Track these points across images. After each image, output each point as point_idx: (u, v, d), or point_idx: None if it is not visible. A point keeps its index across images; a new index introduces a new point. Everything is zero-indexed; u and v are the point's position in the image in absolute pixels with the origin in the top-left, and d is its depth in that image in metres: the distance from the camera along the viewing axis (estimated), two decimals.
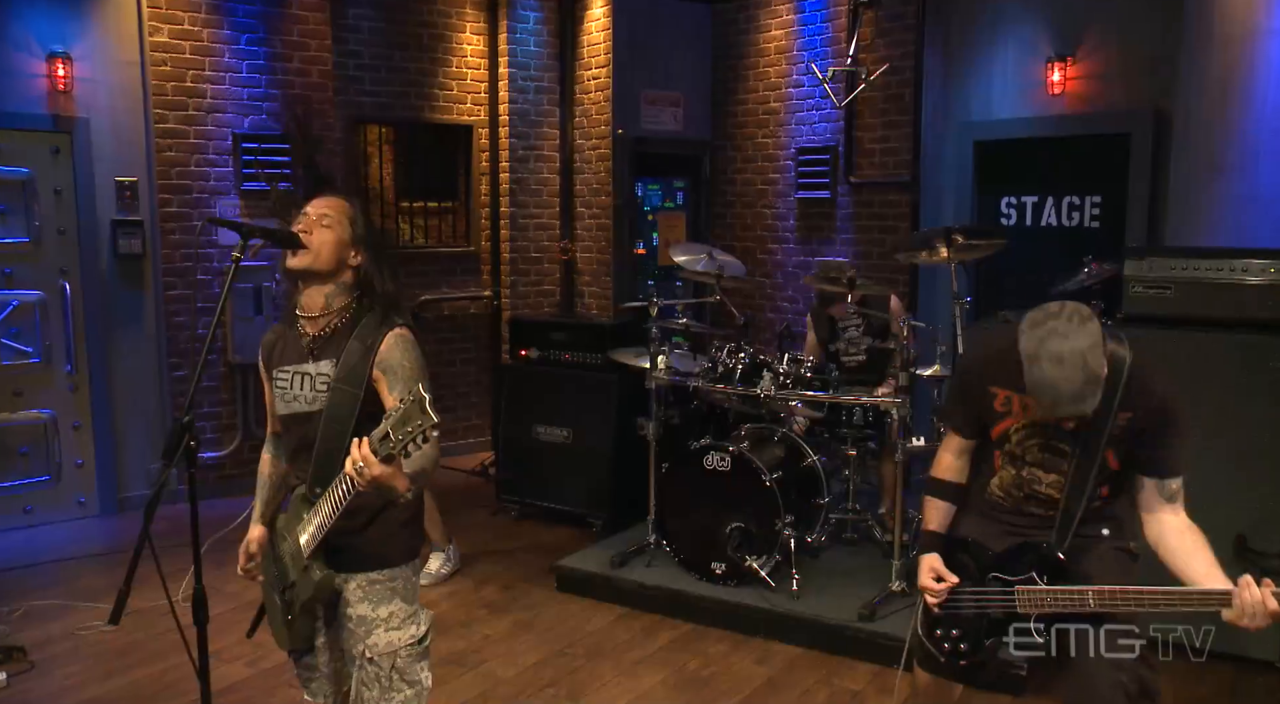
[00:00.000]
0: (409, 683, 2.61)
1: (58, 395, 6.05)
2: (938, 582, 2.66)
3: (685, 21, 7.71)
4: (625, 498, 5.58)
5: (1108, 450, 2.51)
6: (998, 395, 2.62)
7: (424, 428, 2.07)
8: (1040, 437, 2.59)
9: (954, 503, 2.79)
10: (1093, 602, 2.40)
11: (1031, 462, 2.62)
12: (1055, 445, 2.58)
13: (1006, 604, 2.57)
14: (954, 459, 2.80)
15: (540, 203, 7.90)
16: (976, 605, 2.63)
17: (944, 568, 2.67)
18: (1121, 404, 2.46)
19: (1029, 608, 2.52)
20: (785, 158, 7.43)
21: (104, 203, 6.06)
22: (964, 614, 2.66)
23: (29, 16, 5.75)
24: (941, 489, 2.79)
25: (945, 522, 2.78)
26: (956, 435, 2.79)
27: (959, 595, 2.66)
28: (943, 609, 2.67)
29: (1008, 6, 6.10)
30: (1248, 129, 5.05)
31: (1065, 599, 2.46)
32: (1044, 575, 2.53)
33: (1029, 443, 2.61)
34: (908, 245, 4.73)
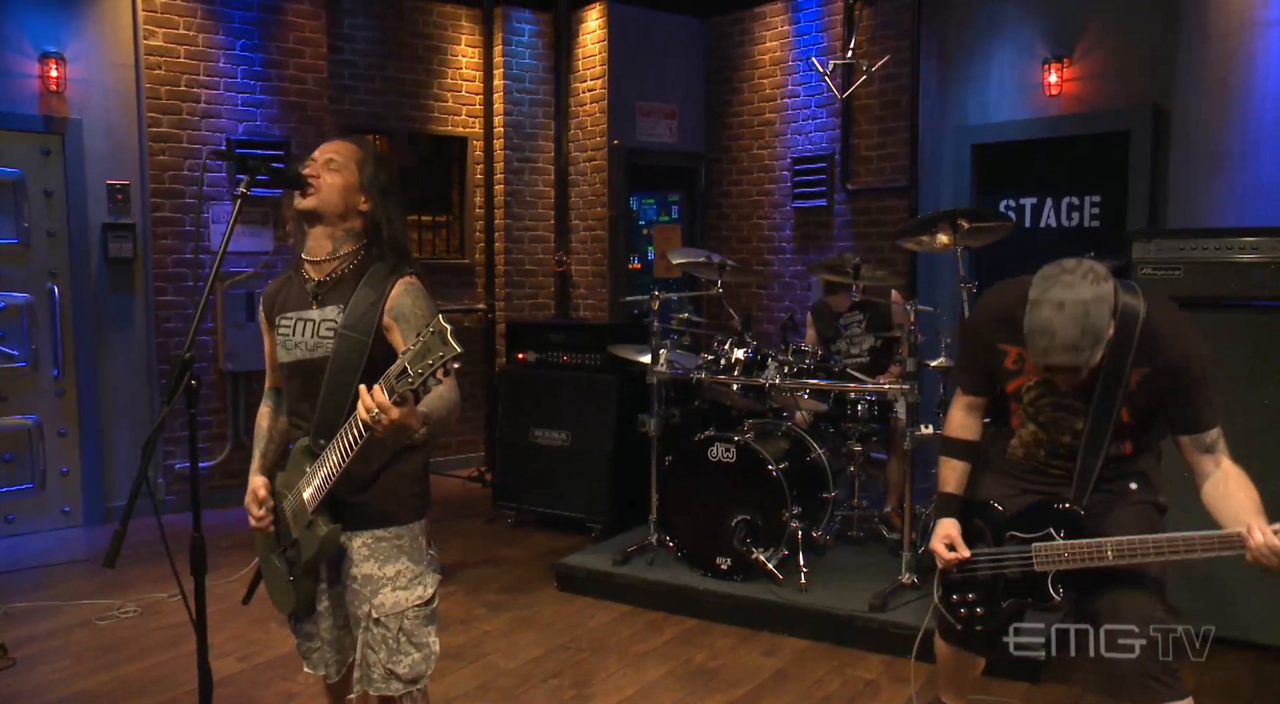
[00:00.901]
0: (416, 645, 2.50)
1: (43, 401, 5.92)
2: (950, 550, 2.59)
3: (679, 34, 7.74)
4: (625, 501, 5.47)
5: (1123, 408, 2.43)
6: (1008, 353, 2.55)
7: (445, 359, 1.99)
8: (1053, 395, 2.51)
9: (968, 461, 2.71)
10: (1110, 553, 2.33)
11: (1045, 422, 2.55)
12: (1068, 404, 2.50)
13: (1023, 563, 2.48)
14: (964, 416, 2.73)
15: (535, 215, 7.87)
16: (993, 567, 2.55)
17: (959, 536, 2.60)
18: (1136, 360, 2.38)
19: (1046, 565, 2.44)
20: (781, 168, 7.42)
21: (95, 205, 5.98)
22: (980, 577, 2.57)
23: (23, 16, 5.71)
24: (954, 447, 2.72)
25: (962, 482, 2.70)
26: (967, 395, 2.72)
27: (976, 557, 2.58)
28: (959, 572, 2.60)
29: (1003, 9, 6.14)
30: (1247, 120, 5.05)
31: (1082, 553, 2.38)
32: (1061, 531, 2.45)
33: (1042, 402, 2.54)
34: (909, 230, 4.67)
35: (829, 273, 4.83)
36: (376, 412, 2.08)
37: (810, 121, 7.19)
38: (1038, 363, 2.35)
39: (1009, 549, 2.52)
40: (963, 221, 4.40)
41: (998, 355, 2.57)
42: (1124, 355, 2.38)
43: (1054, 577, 2.44)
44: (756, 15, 7.46)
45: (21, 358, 5.82)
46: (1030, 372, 2.52)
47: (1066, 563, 2.41)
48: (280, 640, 4.22)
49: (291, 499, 2.52)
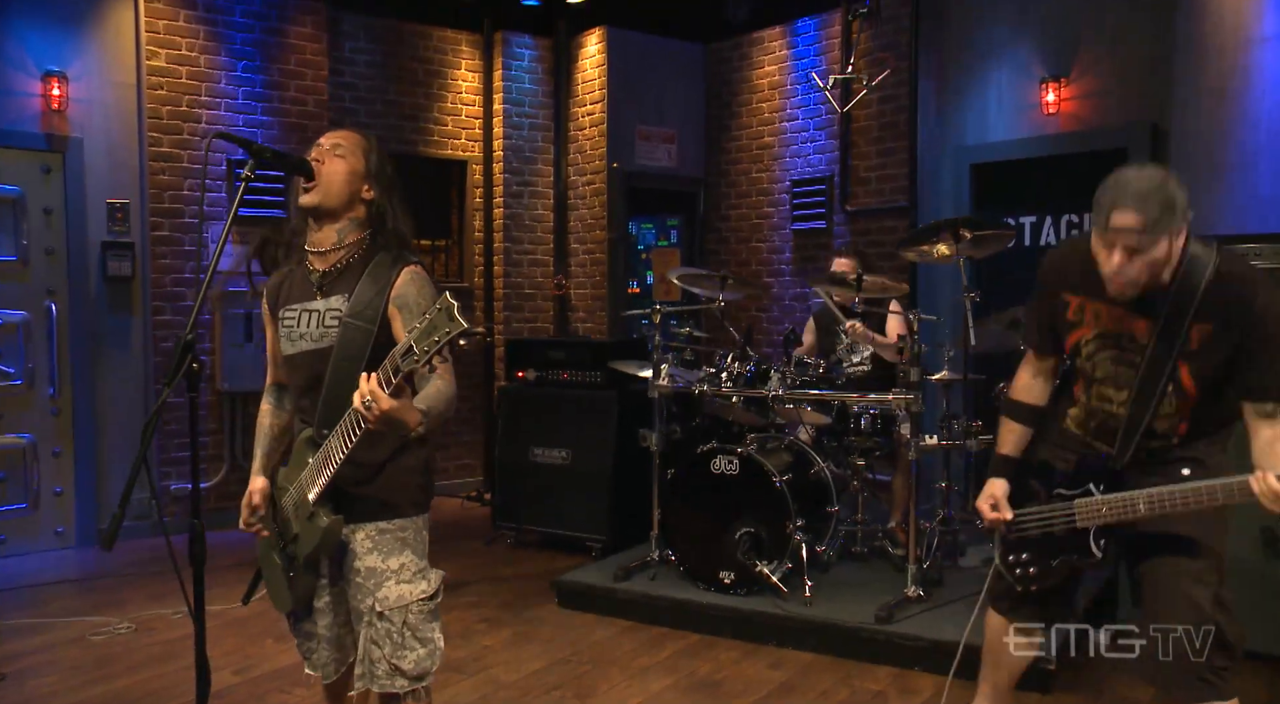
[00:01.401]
0: (421, 640, 2.45)
1: (39, 420, 5.87)
2: (994, 510, 2.62)
3: (678, 59, 7.80)
4: (626, 518, 5.41)
5: (1181, 365, 2.35)
6: (1070, 303, 2.53)
7: (452, 335, 1.97)
8: (1112, 348, 2.47)
9: (1028, 425, 2.71)
10: (1142, 506, 2.32)
11: (1102, 377, 2.51)
12: (1127, 357, 2.45)
13: (1067, 520, 2.50)
14: (1030, 379, 2.73)
15: (534, 239, 7.87)
16: (1041, 525, 2.57)
17: (1004, 498, 2.63)
18: (1198, 315, 2.30)
19: (1087, 521, 2.46)
20: (780, 191, 7.45)
21: (94, 224, 5.98)
22: (1031, 537, 2.60)
23: (26, 35, 5.73)
24: (1016, 410, 2.72)
25: (1019, 445, 2.70)
26: (1032, 354, 2.73)
27: (1025, 518, 2.60)
28: (1012, 531, 2.62)
29: (999, 30, 6.19)
30: (1244, 135, 5.08)
31: (1118, 507, 2.38)
32: (1100, 486, 2.46)
33: (1100, 356, 2.51)
34: (912, 239, 4.67)
35: (831, 286, 4.82)
36: (369, 399, 2.05)
37: (809, 144, 7.23)
38: (1100, 228, 2.28)
39: (1056, 507, 2.54)
40: (965, 231, 4.40)
41: (1060, 306, 2.56)
42: (1185, 305, 2.31)
43: (1095, 532, 2.46)
44: (755, 40, 7.52)
45: (17, 376, 5.78)
46: (1090, 323, 2.50)
47: (1105, 518, 2.42)
48: (277, 654, 4.15)
49: (293, 492, 2.48)
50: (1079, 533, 2.48)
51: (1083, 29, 5.84)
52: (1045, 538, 2.56)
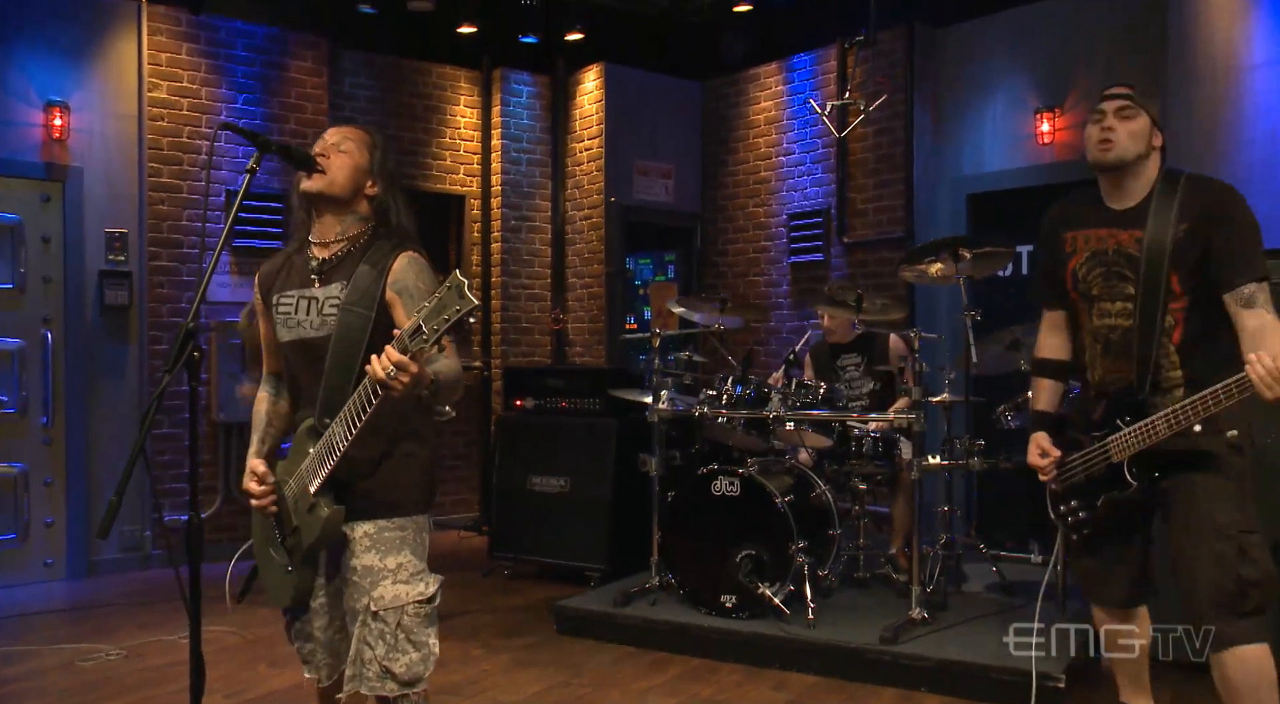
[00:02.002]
0: (415, 644, 2.39)
1: (31, 449, 5.80)
2: (1043, 458, 2.77)
3: (675, 96, 7.88)
4: (625, 546, 5.34)
5: (1171, 272, 2.52)
6: (1065, 238, 2.76)
7: (463, 312, 1.96)
8: (1101, 264, 2.67)
9: (1058, 380, 2.90)
10: (1161, 425, 2.47)
11: (1098, 293, 2.68)
12: (1116, 270, 2.64)
13: (1104, 456, 2.64)
14: (1050, 336, 2.92)
15: (532, 273, 7.89)
16: (1085, 467, 2.70)
17: (1049, 443, 2.77)
18: (1179, 214, 2.52)
19: (1121, 454, 2.59)
20: (777, 225, 7.48)
21: (93, 253, 5.97)
22: (1076, 482, 2.73)
23: (29, 65, 5.78)
24: (1044, 367, 2.92)
25: (1053, 400, 2.88)
26: (1047, 309, 2.91)
27: (1069, 466, 2.74)
28: (1059, 484, 2.77)
29: (994, 62, 6.28)
30: (1238, 160, 5.12)
31: (1142, 434, 2.52)
32: (1126, 419, 2.59)
33: (1093, 275, 2.69)
34: (911, 258, 4.67)
35: (830, 305, 4.82)
36: (393, 369, 2.03)
37: (806, 178, 7.28)
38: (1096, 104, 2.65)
39: (1093, 449, 2.67)
40: (963, 251, 4.41)
41: (1059, 245, 2.77)
42: (1167, 212, 2.53)
43: (1128, 464, 2.59)
44: (751, 77, 7.61)
45: (10, 405, 5.73)
46: (1081, 249, 2.70)
47: (1134, 447, 2.55)
48: (270, 678, 4.07)
49: (293, 484, 2.44)
50: (1115, 467, 2.61)
51: (1076, 60, 5.92)
52: (1089, 480, 2.69)
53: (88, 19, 5.98)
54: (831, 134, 6.82)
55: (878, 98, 5.81)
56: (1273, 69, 5.04)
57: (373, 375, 2.08)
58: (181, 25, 6.25)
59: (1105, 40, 5.83)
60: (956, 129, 6.48)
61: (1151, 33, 5.47)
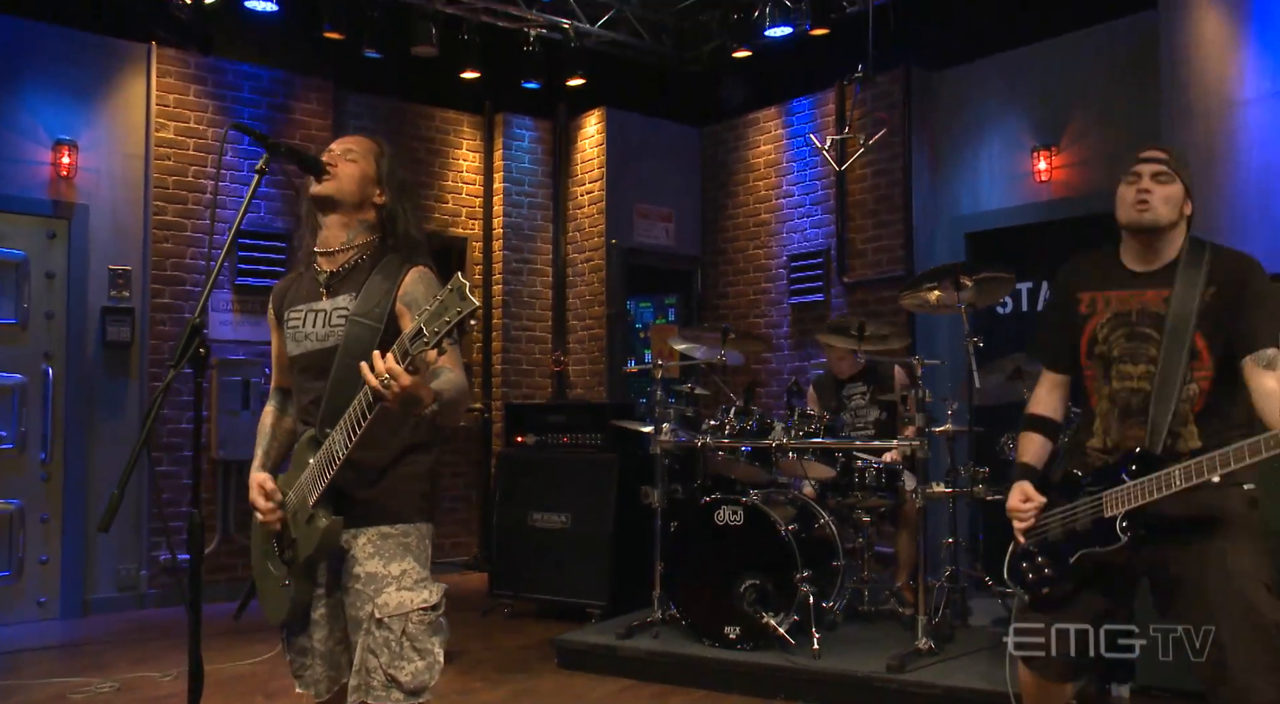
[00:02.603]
0: (420, 652, 2.35)
1: (28, 485, 5.76)
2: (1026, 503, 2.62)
3: (675, 140, 7.98)
4: (626, 582, 5.28)
5: (1196, 332, 2.46)
6: (1082, 299, 2.66)
7: (462, 315, 1.94)
8: (1125, 326, 2.58)
9: (1047, 437, 2.76)
10: (1179, 476, 2.31)
11: (1119, 355, 2.58)
12: (1140, 332, 2.55)
13: (1094, 511, 2.49)
14: (1047, 394, 2.79)
15: (533, 315, 7.91)
16: (1064, 522, 2.56)
17: (1034, 490, 2.63)
18: (1207, 278, 2.47)
19: (1114, 508, 2.44)
20: (777, 266, 7.53)
21: (96, 289, 5.99)
22: (1050, 539, 2.58)
23: (40, 105, 5.86)
24: (1034, 422, 2.78)
25: (1039, 455, 2.74)
26: (1048, 371, 2.80)
27: (1047, 520, 2.60)
28: (1030, 537, 2.62)
29: (989, 103, 6.37)
30: (1233, 194, 5.18)
31: (1151, 485, 2.37)
32: (1130, 469, 2.45)
33: (1114, 336, 2.59)
34: (912, 285, 4.69)
35: (833, 334, 4.83)
36: (386, 377, 2.01)
37: (805, 219, 7.34)
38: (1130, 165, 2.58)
39: (1081, 502, 2.53)
40: (965, 278, 4.44)
41: (1073, 305, 2.67)
42: (1195, 276, 2.48)
43: (1121, 518, 2.44)
44: (751, 121, 7.72)
45: (9, 440, 5.70)
46: (1101, 310, 2.61)
47: (1135, 500, 2.40)
48: None
49: (293, 496, 2.42)
50: (1103, 522, 2.45)
51: (1071, 99, 6.01)
52: (1066, 535, 2.53)
53: (99, 60, 6.08)
54: (830, 176, 6.92)
55: (876, 133, 5.89)
56: (1264, 104, 5.12)
57: (366, 380, 2.06)
58: (190, 67, 6.35)
59: (1099, 79, 5.93)
60: (954, 169, 6.56)
61: (1144, 71, 5.55)
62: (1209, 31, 5.34)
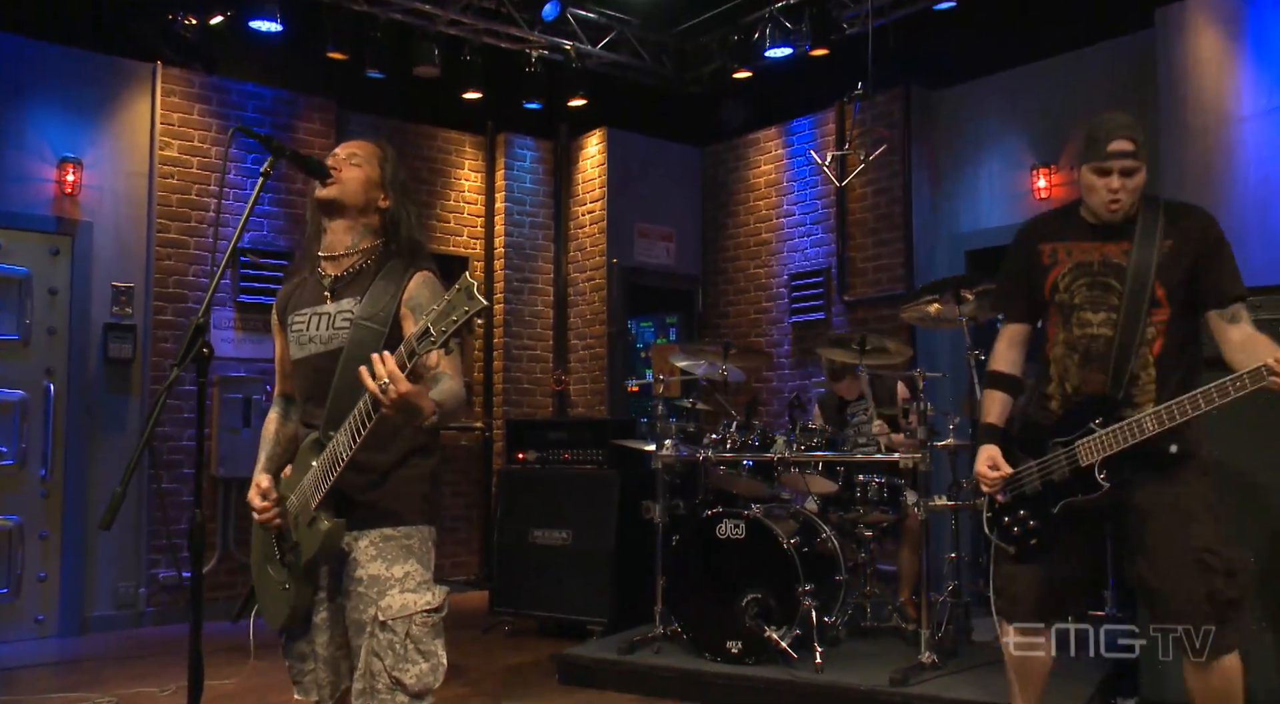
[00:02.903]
0: (424, 654, 2.35)
1: (27, 501, 5.74)
2: (993, 470, 2.69)
3: (676, 160, 8.03)
4: (628, 598, 5.26)
5: (1156, 282, 2.56)
6: (1044, 250, 2.76)
7: (470, 314, 1.95)
8: (1086, 275, 2.68)
9: (1010, 394, 2.84)
10: (1150, 423, 2.45)
11: (1080, 303, 2.68)
12: (1102, 281, 2.66)
13: (1070, 462, 2.59)
14: (1008, 349, 2.88)
15: (534, 334, 7.92)
16: (1040, 476, 2.65)
17: (1000, 457, 2.70)
18: (1164, 231, 2.59)
19: (1090, 457, 2.55)
20: (778, 285, 7.55)
21: (98, 305, 6.01)
22: (1029, 492, 2.67)
23: (46, 123, 5.90)
24: (997, 380, 2.87)
25: (1003, 413, 2.83)
26: (1010, 323, 2.89)
27: (1020, 476, 2.68)
28: (1006, 495, 2.69)
29: (988, 121, 6.41)
30: (1232, 209, 5.20)
31: (1125, 432, 2.49)
32: (1098, 421, 2.56)
33: (1076, 284, 2.69)
34: (912, 297, 4.70)
35: (834, 348, 4.83)
36: (385, 381, 2.01)
37: (806, 238, 7.37)
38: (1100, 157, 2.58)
39: (1053, 455, 2.62)
40: (965, 292, 4.45)
41: (1035, 257, 2.77)
42: (1152, 229, 2.59)
43: (1099, 465, 2.54)
44: (751, 141, 7.76)
45: (9, 456, 5.69)
46: (1064, 260, 2.71)
47: (1110, 448, 2.51)
48: None
49: (295, 499, 2.41)
50: (1081, 471, 2.56)
51: (1070, 117, 6.04)
52: (1045, 488, 2.63)
53: (104, 79, 6.12)
54: (831, 195, 6.96)
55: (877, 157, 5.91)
56: (1261, 121, 5.16)
57: (365, 385, 2.06)
58: (194, 87, 6.40)
59: (1098, 97, 5.96)
60: (954, 187, 6.59)
61: (1142, 88, 5.60)
62: (1205, 49, 5.39)
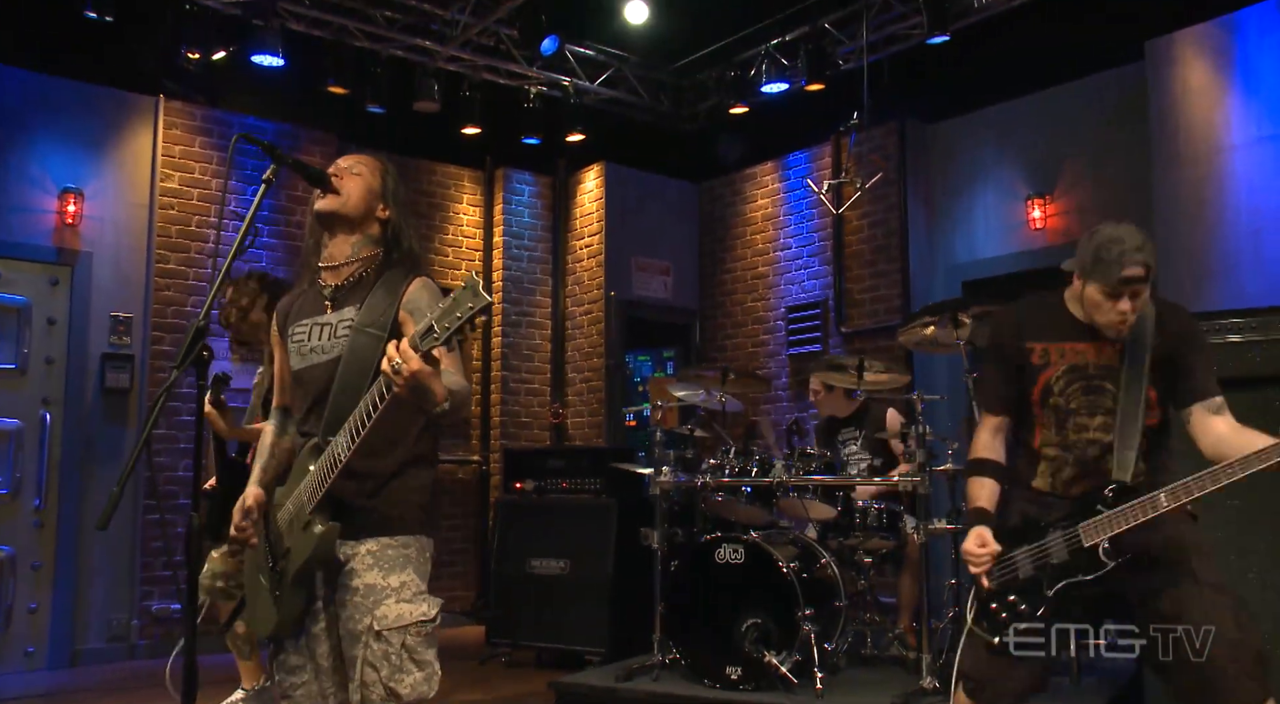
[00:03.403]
0: (419, 664, 2.33)
1: (21, 532, 5.70)
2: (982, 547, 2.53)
3: (673, 196, 8.09)
4: (626, 627, 5.20)
5: (1149, 386, 2.51)
6: (1034, 350, 2.62)
7: (475, 310, 1.95)
8: (1081, 379, 2.57)
9: (997, 480, 2.70)
10: (1164, 499, 2.33)
11: (1076, 408, 2.57)
12: (1097, 385, 2.56)
13: (1070, 543, 2.46)
14: (990, 438, 2.74)
15: (532, 368, 7.92)
16: (1035, 559, 2.51)
17: (990, 536, 2.55)
18: (1156, 331, 2.53)
19: (1095, 536, 2.43)
20: (775, 318, 7.57)
21: (96, 336, 6.02)
22: (1021, 577, 2.52)
23: (48, 155, 5.95)
24: (982, 467, 2.72)
25: (992, 499, 2.67)
26: (990, 415, 2.76)
27: (1012, 559, 2.54)
28: (994, 578, 2.54)
29: (983, 154, 6.48)
30: (1226, 236, 5.25)
31: (1137, 509, 2.37)
32: (1106, 500, 2.45)
33: (1071, 388, 2.58)
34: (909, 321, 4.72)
35: (830, 370, 4.83)
36: (398, 361, 2.01)
37: (803, 271, 7.41)
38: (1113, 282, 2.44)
39: (1051, 538, 2.49)
40: (962, 315, 4.46)
41: (1024, 354, 2.64)
42: (1144, 331, 2.51)
43: (1104, 544, 2.42)
44: (748, 176, 7.83)
45: (4, 486, 5.67)
46: (1056, 362, 2.59)
47: (1117, 526, 2.40)
48: None
49: (290, 506, 2.40)
50: (1082, 552, 2.45)
51: (1063, 148, 6.12)
52: (1039, 571, 2.51)
53: (107, 112, 6.19)
54: (827, 228, 7.01)
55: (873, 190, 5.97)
56: (1251, 150, 5.23)
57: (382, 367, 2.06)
58: (196, 119, 6.46)
59: (1091, 128, 6.04)
60: (950, 218, 6.64)
61: (1134, 119, 5.68)
62: (1195, 81, 5.47)
